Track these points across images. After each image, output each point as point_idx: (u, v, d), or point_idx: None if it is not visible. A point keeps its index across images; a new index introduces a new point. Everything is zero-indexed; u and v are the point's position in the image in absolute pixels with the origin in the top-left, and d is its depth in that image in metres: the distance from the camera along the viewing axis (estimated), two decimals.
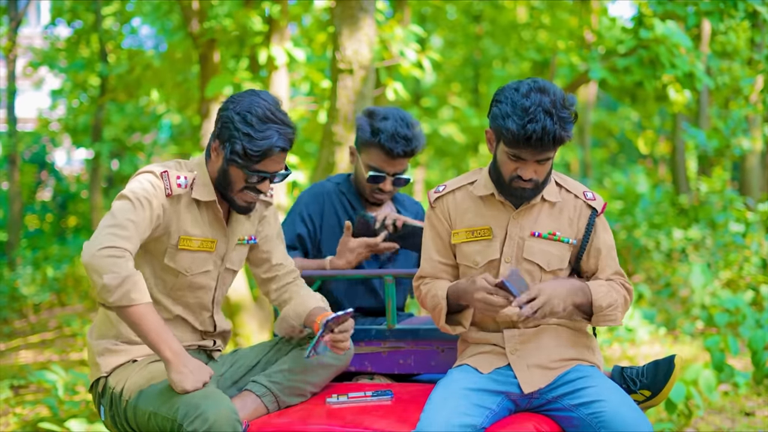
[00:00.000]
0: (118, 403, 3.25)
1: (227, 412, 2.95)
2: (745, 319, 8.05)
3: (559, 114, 3.07)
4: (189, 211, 3.31)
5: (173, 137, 19.19)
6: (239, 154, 3.20)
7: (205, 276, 3.40)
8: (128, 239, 3.06)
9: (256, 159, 3.21)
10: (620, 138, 25.86)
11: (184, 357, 3.05)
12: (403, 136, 3.91)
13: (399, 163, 4.00)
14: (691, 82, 8.35)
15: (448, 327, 3.30)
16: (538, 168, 3.16)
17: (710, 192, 13.14)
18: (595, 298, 3.17)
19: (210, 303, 3.47)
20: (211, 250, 3.37)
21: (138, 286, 3.00)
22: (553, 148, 3.12)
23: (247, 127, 3.19)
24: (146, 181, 3.22)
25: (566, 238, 3.27)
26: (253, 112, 3.20)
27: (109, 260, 2.98)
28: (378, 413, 3.21)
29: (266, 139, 3.19)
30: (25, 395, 7.56)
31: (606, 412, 3.04)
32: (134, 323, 3.03)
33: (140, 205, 3.14)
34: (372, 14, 5.71)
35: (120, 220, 3.09)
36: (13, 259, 14.58)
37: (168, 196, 3.23)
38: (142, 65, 11.78)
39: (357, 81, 5.70)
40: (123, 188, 3.22)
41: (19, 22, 14.25)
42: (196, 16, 8.91)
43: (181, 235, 3.28)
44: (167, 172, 3.25)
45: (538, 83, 3.14)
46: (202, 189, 3.32)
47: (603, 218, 3.36)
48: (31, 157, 20.34)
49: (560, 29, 14.44)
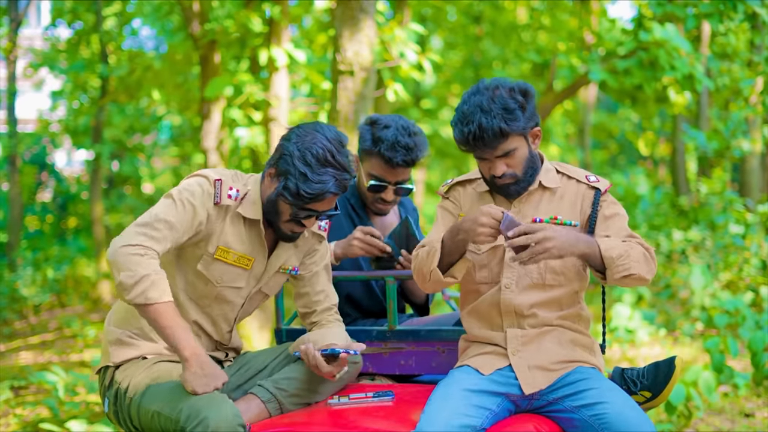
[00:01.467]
0: (122, 399, 3.26)
1: (230, 417, 2.95)
2: (745, 320, 8.05)
3: (501, 106, 3.12)
4: (233, 224, 3.29)
5: (174, 138, 19.22)
6: (291, 192, 3.17)
7: (235, 292, 3.38)
8: (157, 240, 3.06)
9: (307, 200, 3.18)
10: (620, 139, 25.88)
11: (202, 358, 3.03)
12: (403, 146, 3.86)
13: (400, 173, 3.95)
14: (690, 83, 8.36)
15: (440, 275, 3.19)
16: (508, 161, 3.20)
17: (710, 193, 13.16)
18: (604, 249, 3.08)
19: (233, 319, 3.46)
20: (247, 267, 3.35)
21: (156, 285, 2.98)
22: (502, 140, 3.14)
23: (305, 167, 3.14)
24: (197, 185, 3.22)
25: (568, 221, 3.26)
26: (313, 152, 3.16)
27: (130, 258, 2.98)
28: (379, 414, 3.21)
29: (321, 183, 3.15)
30: (26, 396, 7.57)
31: (609, 414, 3.04)
32: (153, 320, 3.01)
33: (182, 208, 3.14)
34: (372, 16, 5.71)
35: (154, 219, 3.09)
36: (13, 260, 14.59)
37: (216, 204, 3.22)
38: (142, 66, 11.81)
39: (357, 82, 5.70)
40: (123, 189, 3.22)
41: (19, 23, 14.27)
42: (197, 17, 8.93)
43: (220, 245, 3.27)
44: (221, 180, 3.23)
45: (482, 84, 3.22)
46: (251, 207, 3.29)
47: (611, 197, 3.36)
48: (32, 158, 20.34)
49: (560, 31, 14.45)
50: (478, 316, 3.34)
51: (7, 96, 14.43)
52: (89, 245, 17.69)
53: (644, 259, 3.15)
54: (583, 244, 3.07)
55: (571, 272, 3.28)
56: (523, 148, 3.21)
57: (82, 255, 17.42)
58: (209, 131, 9.12)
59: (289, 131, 3.29)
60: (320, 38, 10.09)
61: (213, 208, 3.22)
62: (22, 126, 18.88)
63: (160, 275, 3.01)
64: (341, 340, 3.35)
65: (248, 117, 8.69)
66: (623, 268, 3.08)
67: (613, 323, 8.62)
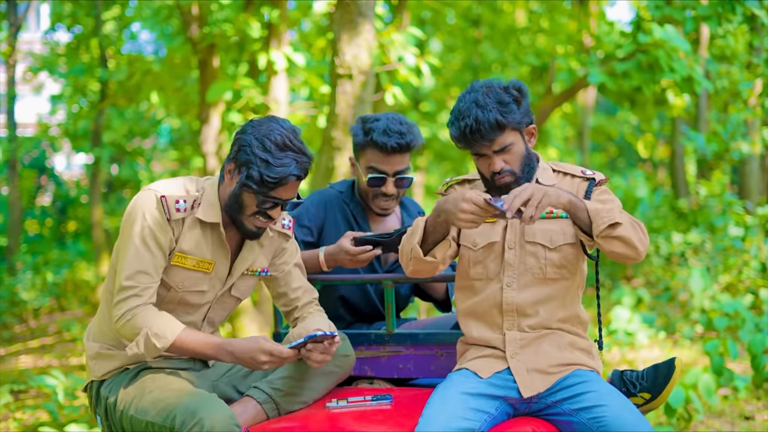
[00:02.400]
0: (113, 413, 3.26)
1: (224, 418, 2.95)
2: (745, 322, 8.05)
3: (496, 100, 3.19)
4: (191, 230, 3.29)
5: (173, 142, 19.22)
6: (255, 180, 3.18)
7: (199, 296, 3.37)
8: (138, 295, 3.16)
9: (272, 186, 3.18)
10: (619, 142, 25.89)
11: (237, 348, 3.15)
12: (396, 131, 3.84)
13: (397, 161, 3.89)
14: (690, 86, 8.37)
15: (419, 250, 3.19)
16: (506, 157, 3.24)
17: (709, 196, 13.16)
18: (590, 205, 3.08)
19: (199, 322, 3.44)
20: (208, 271, 3.34)
21: (157, 334, 3.11)
22: (499, 133, 3.19)
23: (266, 153, 3.17)
24: (148, 214, 3.21)
25: (564, 214, 3.27)
26: (271, 139, 3.18)
27: (125, 328, 3.15)
28: (377, 418, 3.21)
29: (284, 166, 3.17)
30: (25, 400, 7.57)
31: (607, 417, 3.03)
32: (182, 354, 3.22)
33: (146, 250, 3.19)
34: (371, 19, 5.72)
35: (128, 277, 3.17)
36: (12, 264, 14.60)
37: (168, 221, 3.22)
38: (141, 70, 11.80)
39: (356, 86, 5.70)
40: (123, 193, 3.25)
41: (18, 27, 14.28)
42: (196, 21, 8.94)
43: (176, 252, 3.26)
44: (165, 197, 3.22)
45: (477, 83, 3.28)
46: (209, 210, 3.30)
47: (606, 189, 3.36)
48: (31, 162, 20.35)
49: (559, 33, 14.46)
50: (476, 316, 3.33)
51: (7, 100, 14.44)
52: (89, 249, 17.70)
53: (632, 224, 3.11)
54: (568, 195, 3.08)
55: (572, 265, 3.29)
56: (519, 144, 3.26)
57: (81, 259, 17.42)
58: (208, 135, 9.13)
59: (242, 126, 3.31)
60: (319, 42, 10.10)
61: (168, 224, 3.23)
62: (22, 130, 18.89)
63: (155, 321, 3.13)
64: (324, 327, 3.37)
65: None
66: (608, 218, 3.04)
67: (612, 326, 8.62)
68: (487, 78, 3.54)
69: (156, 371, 3.29)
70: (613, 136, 23.67)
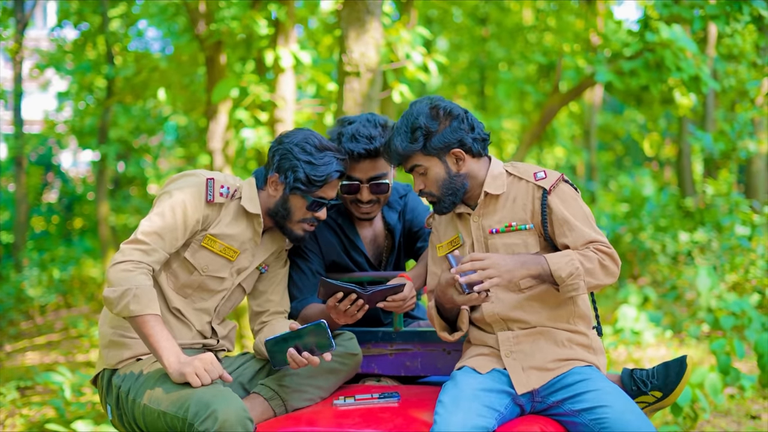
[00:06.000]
0: (125, 403, 3.28)
1: (238, 411, 2.97)
2: (751, 322, 8.03)
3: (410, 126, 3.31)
4: (229, 216, 3.44)
5: (179, 139, 19.21)
6: (302, 181, 3.37)
7: (218, 282, 3.48)
8: (148, 253, 3.23)
9: (319, 184, 3.39)
10: (626, 141, 25.83)
11: (183, 361, 3.10)
12: (365, 135, 3.65)
13: (368, 167, 3.71)
14: (696, 85, 8.35)
15: (447, 335, 3.34)
16: (423, 179, 3.35)
17: (716, 195, 13.12)
18: (554, 269, 3.12)
19: (212, 309, 3.51)
20: (231, 259, 3.46)
21: (139, 299, 3.11)
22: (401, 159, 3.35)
23: (308, 156, 3.37)
24: (187, 187, 3.36)
25: (523, 225, 3.31)
26: (310, 142, 3.40)
27: (119, 274, 3.15)
28: (385, 415, 3.21)
29: (326, 164, 3.38)
30: (32, 396, 7.58)
31: (609, 418, 3.03)
32: (137, 331, 3.16)
33: (172, 216, 3.29)
34: (378, 17, 5.71)
35: (145, 232, 3.25)
36: (19, 261, 14.62)
37: (209, 202, 3.37)
38: (148, 67, 11.82)
39: (364, 84, 5.70)
40: (129, 190, 3.28)
41: (25, 24, 14.30)
42: (203, 18, 8.93)
43: (209, 234, 3.39)
44: (213, 180, 3.40)
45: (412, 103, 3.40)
46: (249, 203, 3.46)
47: (564, 190, 3.33)
48: (38, 159, 20.37)
49: (566, 32, 14.45)
50: (471, 320, 3.40)
51: (14, 97, 14.47)
52: (95, 246, 17.72)
53: (600, 267, 3.18)
54: (531, 265, 3.13)
55: None
56: (436, 168, 3.32)
57: (87, 256, 17.44)
58: (215, 132, 9.12)
59: (276, 138, 3.50)
60: (326, 39, 10.09)
61: (206, 207, 3.37)
62: (28, 127, 18.90)
63: (144, 289, 3.14)
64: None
65: (254, 118, 8.70)
66: (573, 288, 3.14)
67: (618, 325, 8.61)
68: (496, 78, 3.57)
69: None
70: (619, 135, 23.62)
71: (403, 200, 4.08)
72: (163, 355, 3.10)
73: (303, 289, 3.79)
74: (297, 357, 3.20)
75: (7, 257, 15.90)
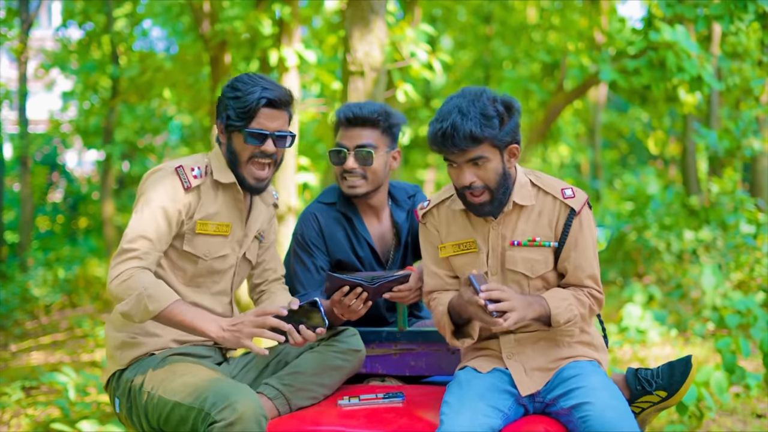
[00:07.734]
0: (137, 395, 3.28)
1: (255, 406, 2.99)
2: (757, 320, 8.01)
3: (480, 110, 3.07)
4: (209, 194, 3.40)
5: (184, 139, 19.24)
6: (232, 117, 3.34)
7: (223, 261, 3.46)
8: (138, 257, 3.18)
9: (248, 114, 3.32)
10: (630, 139, 25.80)
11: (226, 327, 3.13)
12: (355, 105, 3.84)
13: (356, 135, 3.82)
14: (699, 85, 8.33)
15: (456, 342, 3.29)
16: (478, 171, 3.13)
17: (721, 193, 13.09)
18: (554, 314, 3.15)
19: (228, 289, 3.53)
20: (226, 234, 3.44)
21: (153, 297, 3.09)
22: (472, 144, 3.07)
23: (234, 92, 3.35)
24: (159, 183, 3.30)
25: (547, 242, 3.24)
26: (239, 80, 3.38)
27: (120, 287, 3.12)
28: (390, 415, 3.22)
29: (251, 93, 3.31)
30: (37, 396, 7.59)
31: (590, 416, 2.99)
32: (169, 324, 3.16)
33: (152, 216, 3.24)
34: (383, 16, 5.72)
35: (130, 241, 3.20)
36: (24, 261, 14.65)
37: (187, 190, 3.32)
38: (153, 67, 11.83)
39: (368, 83, 5.70)
40: (134, 189, 3.28)
41: (30, 24, 14.32)
42: (207, 18, 8.94)
43: (198, 220, 3.36)
44: (182, 167, 3.35)
45: (467, 89, 3.19)
46: (221, 173, 3.42)
47: (586, 215, 3.28)
48: (43, 158, 20.42)
49: (570, 30, 14.42)
50: None
51: (19, 97, 14.49)
52: (100, 245, 17.73)
53: (588, 312, 3.25)
54: (536, 307, 3.14)
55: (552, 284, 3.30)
56: (495, 161, 3.14)
57: (92, 255, 17.46)
58: None
59: None
60: (330, 39, 10.10)
61: (185, 195, 3.33)
62: (33, 127, 18.93)
63: (152, 285, 3.12)
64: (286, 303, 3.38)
65: None
66: (566, 333, 3.24)
67: (623, 323, 8.60)
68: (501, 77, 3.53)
69: (183, 357, 3.34)
70: (624, 133, 23.62)
71: (411, 200, 4.09)
72: (204, 329, 3.11)
73: (306, 284, 3.83)
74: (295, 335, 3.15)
75: (12, 257, 15.92)
